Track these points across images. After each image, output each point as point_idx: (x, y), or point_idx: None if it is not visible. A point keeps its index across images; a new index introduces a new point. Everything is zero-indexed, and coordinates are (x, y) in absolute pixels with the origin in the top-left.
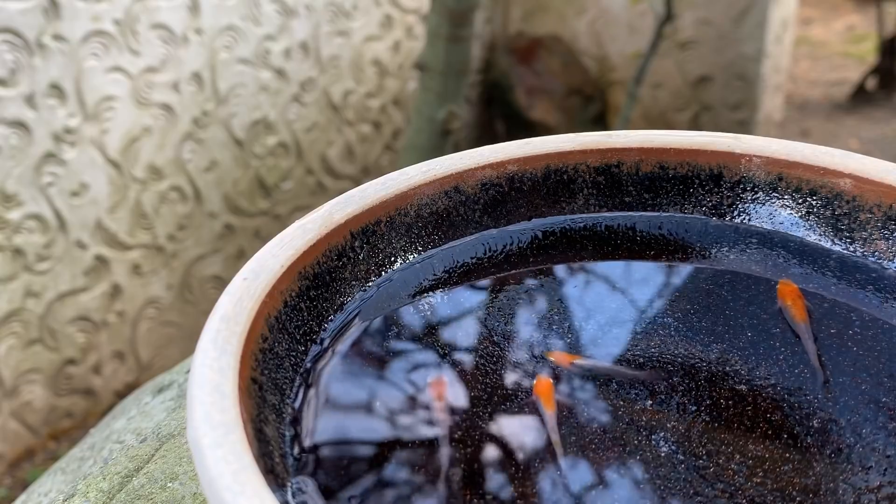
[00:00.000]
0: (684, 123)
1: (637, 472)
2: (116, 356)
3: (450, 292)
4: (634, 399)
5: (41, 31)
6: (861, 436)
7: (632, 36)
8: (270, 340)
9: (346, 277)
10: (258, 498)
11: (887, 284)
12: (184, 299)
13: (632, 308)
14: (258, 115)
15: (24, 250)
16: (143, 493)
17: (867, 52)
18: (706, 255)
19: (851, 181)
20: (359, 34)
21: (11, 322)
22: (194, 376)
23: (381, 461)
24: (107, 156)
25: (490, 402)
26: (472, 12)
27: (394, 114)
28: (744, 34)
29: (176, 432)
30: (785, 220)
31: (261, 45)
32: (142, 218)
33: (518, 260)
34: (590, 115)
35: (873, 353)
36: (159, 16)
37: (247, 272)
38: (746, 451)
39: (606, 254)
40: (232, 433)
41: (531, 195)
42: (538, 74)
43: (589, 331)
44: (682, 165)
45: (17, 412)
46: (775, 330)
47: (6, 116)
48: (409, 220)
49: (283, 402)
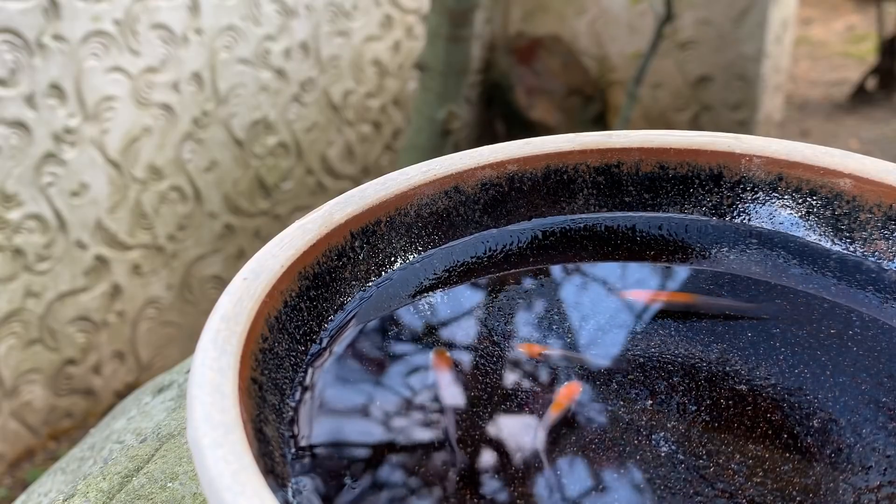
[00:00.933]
0: (684, 123)
1: (637, 473)
2: (116, 356)
3: (450, 292)
4: (634, 399)
5: (41, 31)
6: (861, 436)
7: (632, 36)
8: (270, 340)
9: (346, 277)
10: (258, 498)
11: (887, 284)
12: (184, 299)
13: (632, 308)
14: (258, 115)
15: (24, 250)
16: (143, 493)
17: (867, 52)
18: (706, 255)
19: (851, 181)
20: (359, 34)
21: (11, 322)
22: (194, 376)
23: (381, 461)
24: (107, 156)
25: (490, 401)
26: (472, 12)
27: (394, 114)
28: (744, 34)
29: (176, 432)
30: (785, 221)
31: (261, 45)
32: (142, 218)
33: (518, 260)
34: (590, 115)
35: (873, 353)
36: (159, 16)
37: (247, 272)
38: (746, 451)
39: (606, 254)
40: (232, 433)
41: (531, 195)
42: (538, 74)
43: (589, 331)
44: (682, 165)
45: (17, 412)
46: (775, 330)
47: (6, 116)
48: (409, 220)
49: (283, 402)
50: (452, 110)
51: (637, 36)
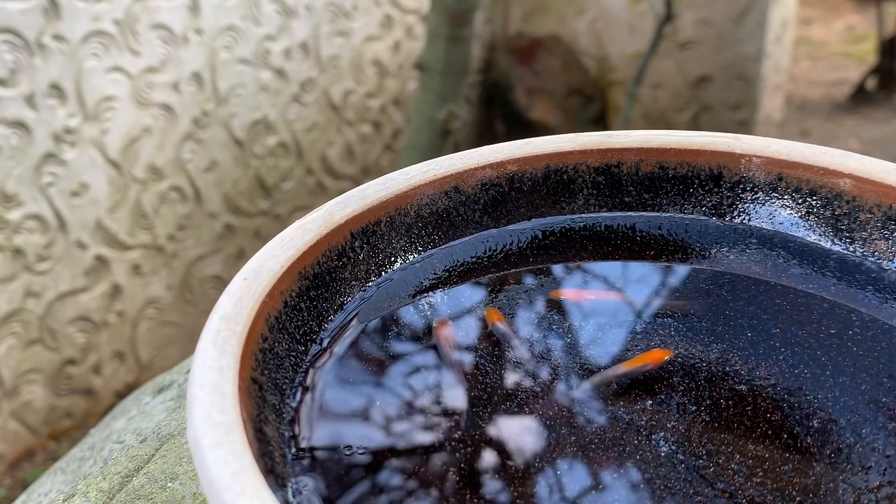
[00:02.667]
0: (684, 123)
1: (637, 473)
2: (116, 356)
3: (450, 292)
4: (634, 399)
5: (41, 31)
6: (861, 436)
7: (632, 36)
8: (270, 340)
9: (346, 277)
10: (258, 498)
11: (887, 284)
12: (184, 299)
13: (631, 308)
14: (258, 115)
15: (24, 250)
16: (143, 493)
17: (867, 52)
18: (706, 255)
19: (851, 181)
20: (359, 34)
21: (11, 322)
22: (194, 376)
23: (382, 461)
24: (107, 156)
25: (490, 401)
26: (472, 12)
27: (394, 114)
28: (744, 34)
29: (176, 432)
30: (785, 221)
31: (261, 45)
32: (142, 218)
33: (518, 260)
34: (590, 115)
35: (873, 353)
36: (159, 16)
37: (247, 272)
38: (746, 451)
39: (606, 254)
40: (232, 433)
41: (531, 195)
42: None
43: (589, 331)
44: (682, 165)
45: (17, 412)
46: (775, 330)
47: (6, 116)
48: (409, 220)
49: (284, 402)
50: (452, 110)
51: (637, 36)
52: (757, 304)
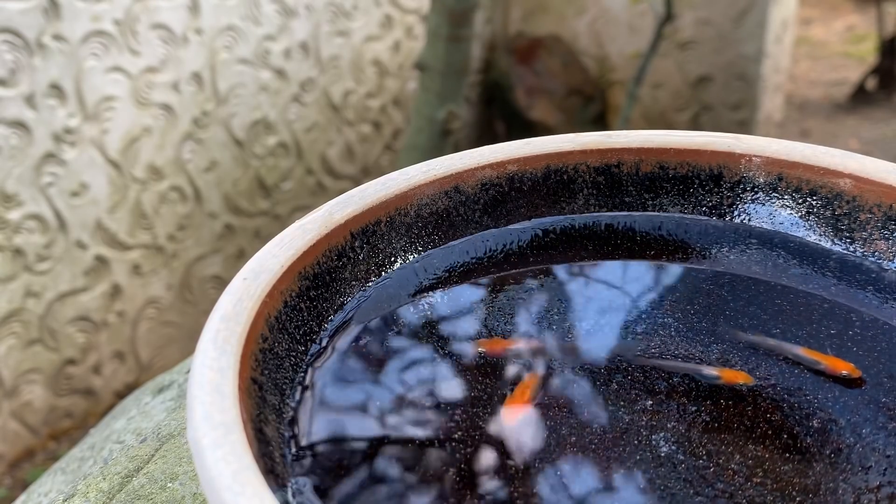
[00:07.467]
0: (684, 123)
1: (637, 473)
2: (116, 356)
3: (450, 292)
4: (634, 399)
5: (41, 31)
6: (861, 436)
7: (632, 36)
8: (270, 340)
9: (346, 277)
10: (258, 498)
11: (887, 284)
12: (184, 299)
13: (632, 308)
14: (258, 115)
15: (24, 250)
16: (143, 493)
17: (867, 52)
18: (706, 255)
19: (851, 181)
20: (359, 34)
21: (11, 322)
22: (194, 376)
23: (382, 461)
24: (107, 156)
25: (490, 401)
26: (472, 12)
27: (394, 114)
28: (744, 34)
29: (176, 432)
30: (785, 221)
31: (261, 45)
32: (142, 218)
33: (518, 259)
34: (590, 115)
35: (873, 353)
36: (159, 16)
37: (247, 272)
38: (746, 451)
39: (606, 254)
40: (232, 433)
41: (531, 195)
42: (538, 74)
43: (589, 330)
44: (682, 165)
45: (17, 412)
46: (775, 330)
47: (6, 116)
48: (409, 220)
49: (283, 403)
50: (452, 110)
51: (637, 36)
52: (757, 304)
